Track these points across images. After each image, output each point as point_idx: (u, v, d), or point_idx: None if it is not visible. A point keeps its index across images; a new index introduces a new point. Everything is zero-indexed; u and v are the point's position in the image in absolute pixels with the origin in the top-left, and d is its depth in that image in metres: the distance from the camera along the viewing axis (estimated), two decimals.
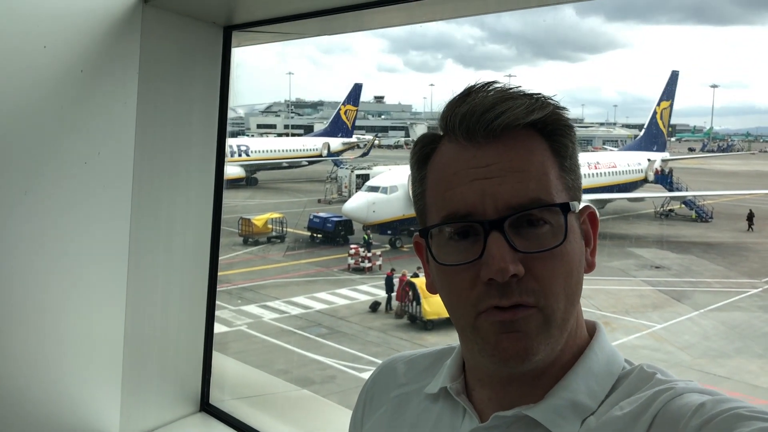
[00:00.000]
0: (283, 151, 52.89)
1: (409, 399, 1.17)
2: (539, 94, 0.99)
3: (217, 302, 2.89)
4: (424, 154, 1.06)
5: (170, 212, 2.64)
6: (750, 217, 31.23)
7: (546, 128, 0.99)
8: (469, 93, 0.99)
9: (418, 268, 15.78)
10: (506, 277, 0.91)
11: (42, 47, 2.13)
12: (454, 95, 1.01)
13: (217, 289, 2.87)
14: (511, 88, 0.99)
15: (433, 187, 1.02)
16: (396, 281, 18.82)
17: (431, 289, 1.05)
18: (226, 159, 2.80)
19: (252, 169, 46.85)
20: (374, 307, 19.06)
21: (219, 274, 2.88)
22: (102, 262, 2.42)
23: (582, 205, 1.03)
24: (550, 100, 0.99)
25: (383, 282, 19.46)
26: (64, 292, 2.32)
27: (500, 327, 0.93)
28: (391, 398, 1.19)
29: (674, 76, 48.04)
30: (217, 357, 2.94)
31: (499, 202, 0.93)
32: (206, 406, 2.88)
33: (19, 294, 2.21)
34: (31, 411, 2.29)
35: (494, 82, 1.00)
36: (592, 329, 1.07)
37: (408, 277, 18.44)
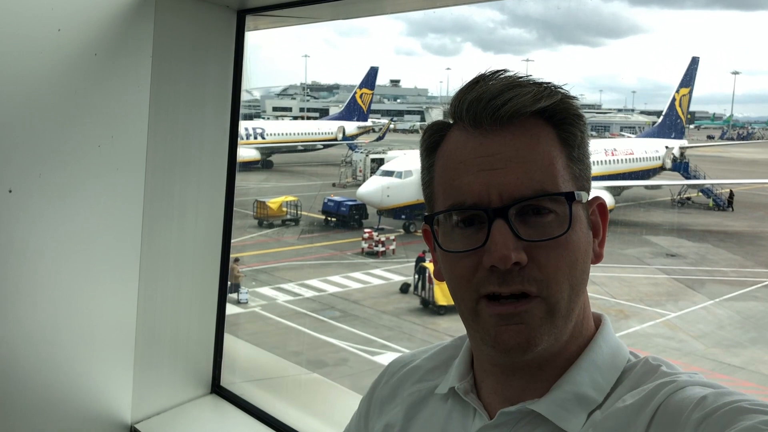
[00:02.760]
0: (298, 134, 52.84)
1: (423, 398, 1.16)
2: (549, 82, 0.98)
3: None
4: (433, 142, 1.06)
5: (183, 195, 2.65)
6: (730, 197, 33.49)
7: (554, 117, 0.97)
8: (479, 80, 0.98)
9: None
10: (508, 265, 0.90)
11: (56, 30, 2.13)
12: (464, 83, 1.00)
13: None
14: (521, 77, 0.98)
15: (441, 175, 1.02)
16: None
17: (438, 276, 1.05)
18: (241, 141, 2.80)
19: (267, 152, 46.90)
20: (404, 288, 19.06)
21: (233, 255, 2.88)
22: (115, 245, 2.44)
23: (592, 195, 1.02)
24: (559, 89, 0.98)
25: (396, 267, 19.45)
26: (76, 274, 2.34)
27: (500, 319, 0.93)
28: (405, 396, 1.18)
29: (694, 63, 47.30)
30: (228, 339, 2.96)
31: (504, 193, 0.93)
32: (217, 388, 2.91)
33: (32, 276, 2.23)
34: (43, 392, 2.32)
35: (504, 70, 0.98)
36: (598, 322, 1.06)
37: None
